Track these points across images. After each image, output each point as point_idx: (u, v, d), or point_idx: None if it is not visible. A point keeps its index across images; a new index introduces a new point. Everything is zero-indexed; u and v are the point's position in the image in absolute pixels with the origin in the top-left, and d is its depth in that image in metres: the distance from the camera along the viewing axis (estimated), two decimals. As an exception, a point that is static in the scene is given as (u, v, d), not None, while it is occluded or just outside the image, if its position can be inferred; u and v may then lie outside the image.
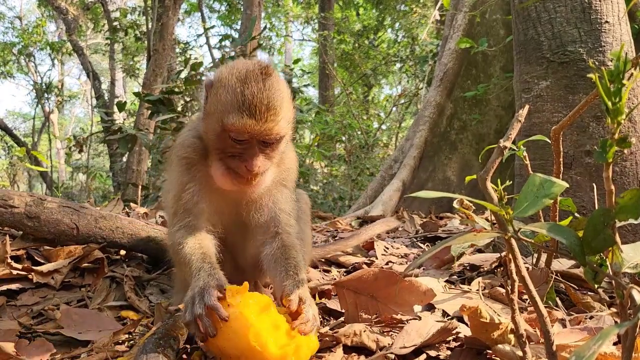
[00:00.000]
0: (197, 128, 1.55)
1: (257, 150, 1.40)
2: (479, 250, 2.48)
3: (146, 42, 11.42)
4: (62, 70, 25.26)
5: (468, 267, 2.17)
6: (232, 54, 7.33)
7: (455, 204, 1.73)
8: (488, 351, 1.29)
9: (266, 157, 1.44)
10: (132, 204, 4.21)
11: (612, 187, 0.90)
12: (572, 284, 1.79)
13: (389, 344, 1.37)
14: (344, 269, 2.34)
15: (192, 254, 1.43)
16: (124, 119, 13.69)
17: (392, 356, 1.30)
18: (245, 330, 1.15)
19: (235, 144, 1.39)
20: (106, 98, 15.27)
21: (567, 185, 0.96)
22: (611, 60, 2.18)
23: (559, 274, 1.81)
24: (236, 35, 14.37)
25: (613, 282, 0.91)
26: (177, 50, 14.81)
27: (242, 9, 14.17)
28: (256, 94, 1.34)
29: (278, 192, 1.61)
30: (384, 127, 13.55)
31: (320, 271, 2.27)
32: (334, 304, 1.67)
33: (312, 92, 19.46)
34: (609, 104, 0.86)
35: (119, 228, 2.15)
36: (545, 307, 1.55)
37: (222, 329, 1.18)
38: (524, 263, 1.10)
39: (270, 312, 1.22)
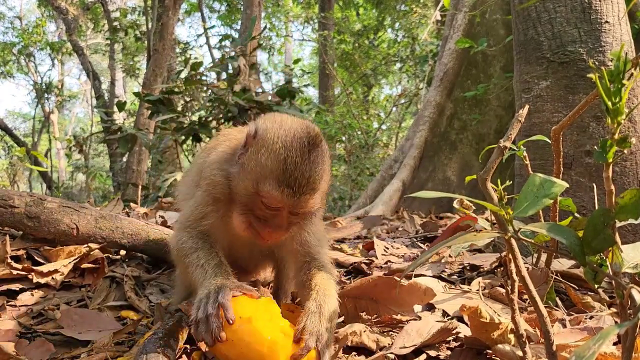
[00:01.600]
0: (227, 167, 1.43)
1: (285, 220, 1.34)
2: (479, 250, 2.48)
3: (146, 42, 11.43)
4: (62, 70, 25.28)
5: (468, 267, 2.17)
6: (232, 53, 7.33)
7: (455, 204, 1.73)
8: (488, 351, 1.29)
9: (293, 224, 1.38)
10: (132, 204, 4.21)
11: (612, 187, 0.90)
12: (572, 284, 1.78)
13: (389, 344, 1.37)
14: (343, 269, 2.34)
15: (207, 259, 1.37)
16: (124, 119, 13.70)
17: (392, 356, 1.30)
18: (260, 345, 1.12)
19: (264, 208, 1.33)
20: (106, 98, 15.29)
21: (567, 185, 0.96)
22: (611, 60, 2.18)
23: (559, 274, 1.81)
24: (236, 35, 14.38)
25: (613, 282, 0.91)
26: (177, 50, 14.83)
27: (242, 9, 14.17)
28: (299, 166, 1.26)
29: (304, 230, 1.50)
30: (384, 127, 13.56)
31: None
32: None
33: (312, 92, 19.50)
34: (609, 104, 0.86)
35: (119, 228, 2.15)
36: (545, 307, 1.55)
37: (235, 342, 1.14)
38: (524, 263, 1.10)
39: (278, 320, 1.21)
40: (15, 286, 1.81)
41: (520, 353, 1.08)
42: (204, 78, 7.10)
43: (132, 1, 20.20)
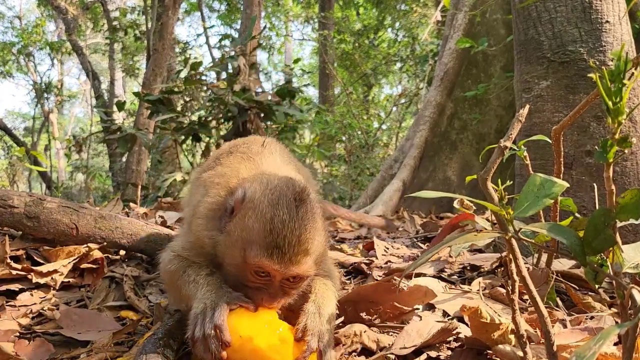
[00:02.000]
0: (213, 229, 1.35)
1: (278, 288, 1.24)
2: (480, 250, 2.48)
3: (146, 41, 11.42)
4: (62, 70, 25.27)
5: (468, 267, 2.17)
6: (232, 53, 7.33)
7: (455, 204, 1.73)
8: (488, 351, 1.28)
9: (289, 291, 1.28)
10: (131, 204, 4.20)
11: (613, 187, 0.90)
12: (572, 284, 1.78)
13: (389, 344, 1.37)
14: (343, 269, 2.34)
15: (199, 273, 1.32)
16: (124, 119, 13.70)
17: (393, 356, 1.30)
18: None
19: (255, 278, 1.24)
20: (106, 98, 15.29)
21: (568, 185, 0.96)
22: (612, 60, 2.17)
23: (559, 274, 1.80)
24: (236, 35, 14.38)
25: (614, 282, 0.91)
26: (177, 49, 14.83)
27: (241, 9, 14.17)
28: (287, 224, 1.17)
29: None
30: (384, 127, 13.56)
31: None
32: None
33: (312, 92, 19.50)
34: (610, 103, 0.85)
35: (119, 228, 2.15)
36: (546, 307, 1.55)
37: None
38: (525, 263, 1.10)
39: (277, 327, 1.20)
40: (15, 286, 1.81)
41: (520, 353, 1.08)
42: (203, 78, 7.10)
43: (132, 1, 20.20)
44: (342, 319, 1.58)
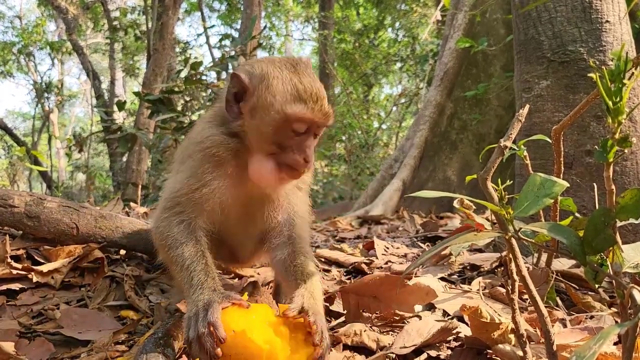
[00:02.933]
0: (225, 125, 1.45)
1: (312, 140, 1.41)
2: (480, 250, 2.48)
3: (146, 41, 11.42)
4: (62, 70, 25.27)
5: (468, 267, 2.17)
6: (232, 53, 7.33)
7: (455, 204, 1.73)
8: (488, 351, 1.28)
9: (314, 150, 1.46)
10: (132, 204, 4.20)
11: (613, 186, 0.90)
12: (572, 284, 1.78)
13: (389, 344, 1.37)
14: (343, 269, 2.34)
15: (193, 260, 1.34)
16: (124, 119, 13.70)
17: (393, 356, 1.30)
18: (259, 357, 1.12)
19: (294, 135, 1.38)
20: (106, 97, 15.29)
21: (568, 185, 0.96)
22: (612, 60, 2.17)
23: (559, 274, 1.80)
24: (236, 35, 14.38)
25: (613, 281, 0.91)
26: (177, 49, 14.82)
27: (242, 8, 14.17)
28: (312, 83, 1.38)
29: (294, 193, 1.59)
30: (384, 126, 13.57)
31: (320, 271, 2.27)
32: (335, 307, 1.67)
33: (312, 92, 19.42)
34: (610, 103, 0.86)
35: (119, 228, 2.15)
36: (546, 307, 1.55)
37: (232, 356, 1.13)
38: (525, 263, 1.10)
39: (271, 321, 1.20)
40: (15, 286, 1.81)
41: (520, 353, 1.08)
42: (204, 77, 7.09)
43: (132, 0, 20.19)
44: (342, 318, 1.59)
